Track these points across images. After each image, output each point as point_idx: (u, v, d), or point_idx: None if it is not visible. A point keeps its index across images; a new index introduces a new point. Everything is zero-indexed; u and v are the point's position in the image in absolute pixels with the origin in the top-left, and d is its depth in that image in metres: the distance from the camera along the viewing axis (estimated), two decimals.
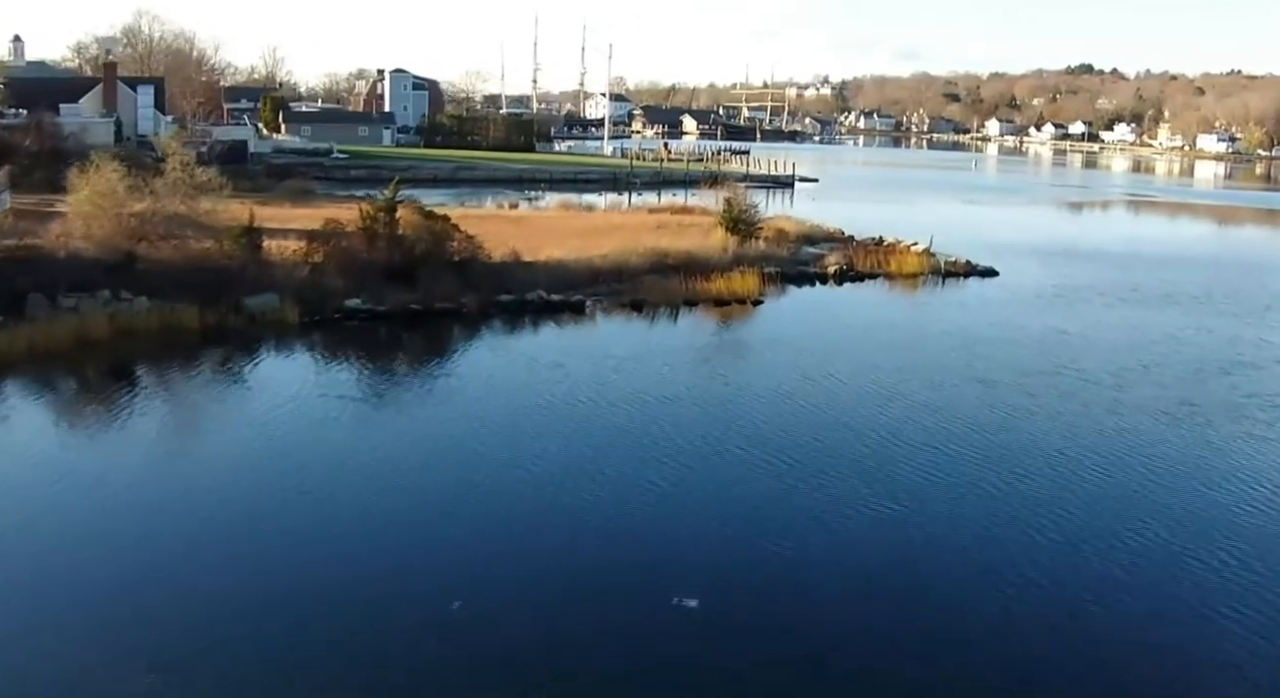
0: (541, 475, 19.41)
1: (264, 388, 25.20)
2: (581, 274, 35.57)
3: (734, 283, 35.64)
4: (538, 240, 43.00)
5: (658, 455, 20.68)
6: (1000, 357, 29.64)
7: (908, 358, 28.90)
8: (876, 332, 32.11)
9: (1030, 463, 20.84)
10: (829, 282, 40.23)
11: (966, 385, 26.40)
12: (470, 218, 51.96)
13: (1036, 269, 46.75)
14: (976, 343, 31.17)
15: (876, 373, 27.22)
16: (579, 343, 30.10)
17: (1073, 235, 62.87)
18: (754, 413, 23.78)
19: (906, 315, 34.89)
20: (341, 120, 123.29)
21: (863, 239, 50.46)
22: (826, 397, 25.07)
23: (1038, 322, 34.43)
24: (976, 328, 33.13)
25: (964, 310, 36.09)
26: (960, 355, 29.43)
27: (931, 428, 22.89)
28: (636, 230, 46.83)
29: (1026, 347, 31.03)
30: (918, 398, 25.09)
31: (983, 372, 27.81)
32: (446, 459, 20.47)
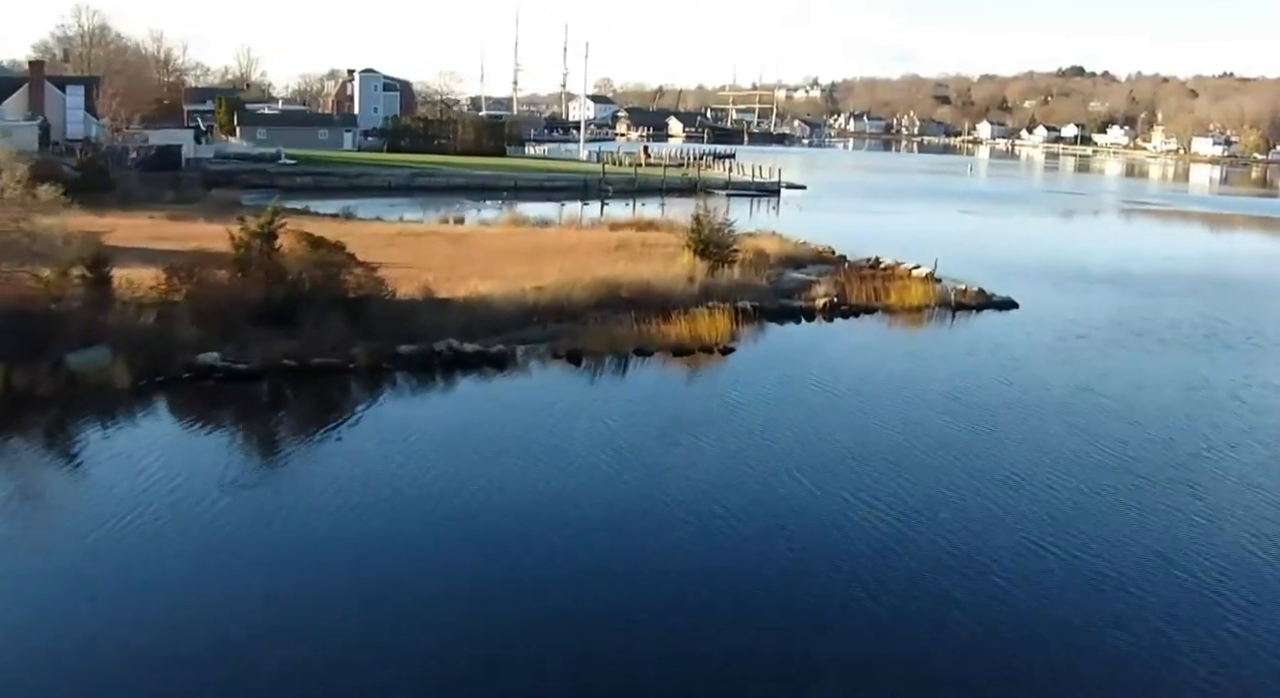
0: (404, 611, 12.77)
1: (38, 497, 18.35)
2: (511, 314, 28.73)
3: (699, 324, 28.82)
4: (471, 266, 36.18)
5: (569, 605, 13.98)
6: (1033, 439, 22.86)
7: (907, 440, 22.09)
8: (869, 395, 25.19)
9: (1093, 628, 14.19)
10: (817, 317, 33.41)
11: (990, 489, 19.62)
12: (404, 236, 45.22)
13: (1057, 298, 40.09)
14: (998, 413, 24.42)
15: (868, 466, 20.43)
16: (490, 412, 23.24)
17: (1087, 252, 56.29)
18: (702, 521, 17.14)
19: (908, 368, 27.86)
20: (300, 123, 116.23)
21: (856, 260, 43.79)
22: (802, 506, 18.34)
23: (1073, 379, 27.55)
24: (996, 388, 26.27)
25: (979, 361, 29.17)
26: (977, 436, 22.64)
27: (940, 557, 16.21)
28: (590, 253, 40.02)
29: (1068, 423, 24.16)
30: (917, 503, 18.41)
31: (1009, 465, 20.99)
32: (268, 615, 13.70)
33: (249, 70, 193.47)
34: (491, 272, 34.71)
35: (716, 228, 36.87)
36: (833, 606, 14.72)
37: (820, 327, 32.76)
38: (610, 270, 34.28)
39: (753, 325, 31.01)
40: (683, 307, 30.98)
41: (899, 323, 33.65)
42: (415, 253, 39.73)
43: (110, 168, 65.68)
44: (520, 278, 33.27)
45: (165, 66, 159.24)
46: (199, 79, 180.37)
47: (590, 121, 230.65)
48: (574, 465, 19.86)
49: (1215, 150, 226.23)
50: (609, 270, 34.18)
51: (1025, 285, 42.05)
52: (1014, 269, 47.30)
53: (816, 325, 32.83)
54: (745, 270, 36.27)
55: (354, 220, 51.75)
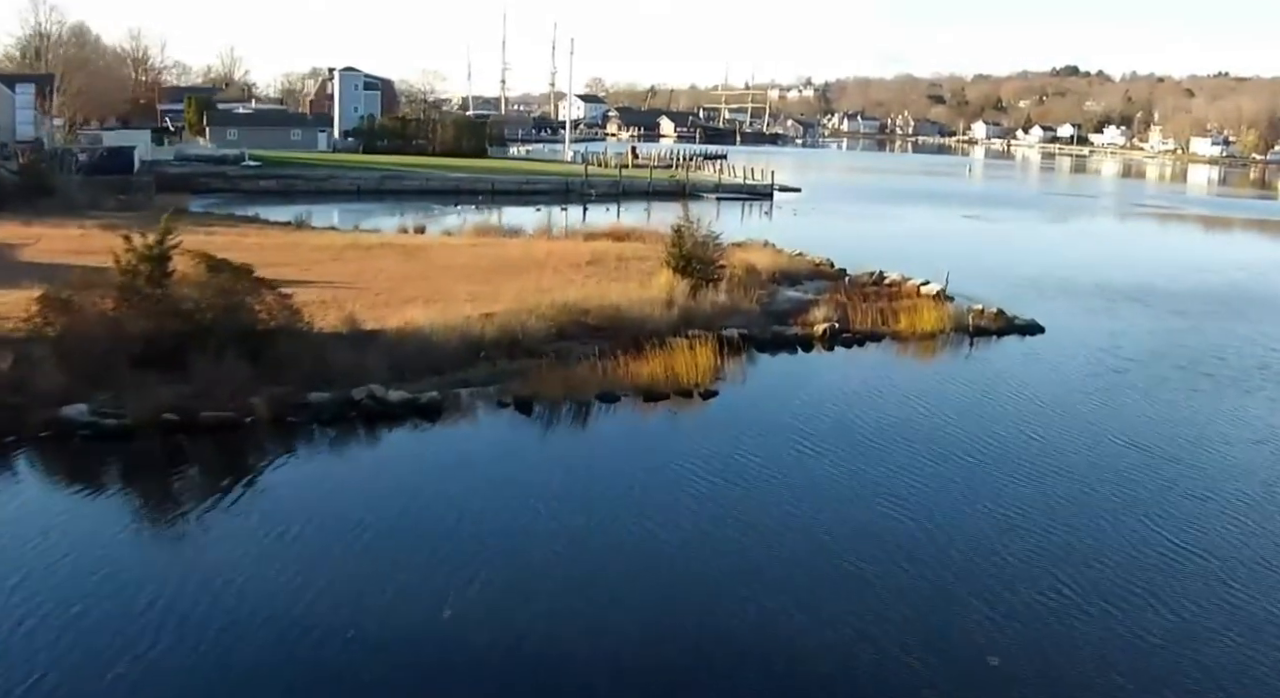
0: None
1: None
2: (452, 349, 24.11)
3: (677, 360, 24.23)
4: (418, 286, 31.63)
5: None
6: (1082, 516, 18.40)
7: (925, 518, 17.62)
8: (877, 456, 20.41)
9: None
10: (815, 347, 28.80)
11: (1041, 598, 15.17)
12: (354, 248, 40.61)
13: (1084, 321, 35.57)
14: (1037, 483, 19.89)
15: (877, 559, 15.95)
16: (410, 483, 18.56)
17: (1105, 263, 51.87)
18: (662, 630, 12.70)
19: (921, 416, 23.00)
20: (273, 123, 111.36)
21: (858, 274, 39.28)
22: (796, 610, 13.87)
23: (1117, 429, 22.71)
24: (1030, 447, 21.49)
25: (1006, 407, 24.28)
26: (1009, 520, 18.12)
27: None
28: (559, 269, 35.48)
29: (1120, 492, 19.67)
30: (944, 608, 13.97)
31: (1058, 558, 16.54)
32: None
33: (232, 69, 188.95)
34: (440, 293, 30.17)
35: (700, 241, 32.32)
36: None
37: (819, 359, 28.15)
38: (578, 292, 29.74)
39: (740, 359, 26.32)
40: (659, 337, 26.41)
41: (910, 353, 29.08)
42: (360, 269, 35.21)
43: (54, 172, 61.09)
44: (472, 301, 28.71)
45: (141, 65, 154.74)
46: (180, 78, 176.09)
47: (580, 121, 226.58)
48: (511, 556, 15.35)
49: (1214, 151, 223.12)
50: (576, 292, 29.64)
51: (1045, 304, 37.64)
52: (1030, 283, 42.93)
53: (815, 357, 28.22)
54: (733, 290, 31.73)
55: (305, 229, 47.18)
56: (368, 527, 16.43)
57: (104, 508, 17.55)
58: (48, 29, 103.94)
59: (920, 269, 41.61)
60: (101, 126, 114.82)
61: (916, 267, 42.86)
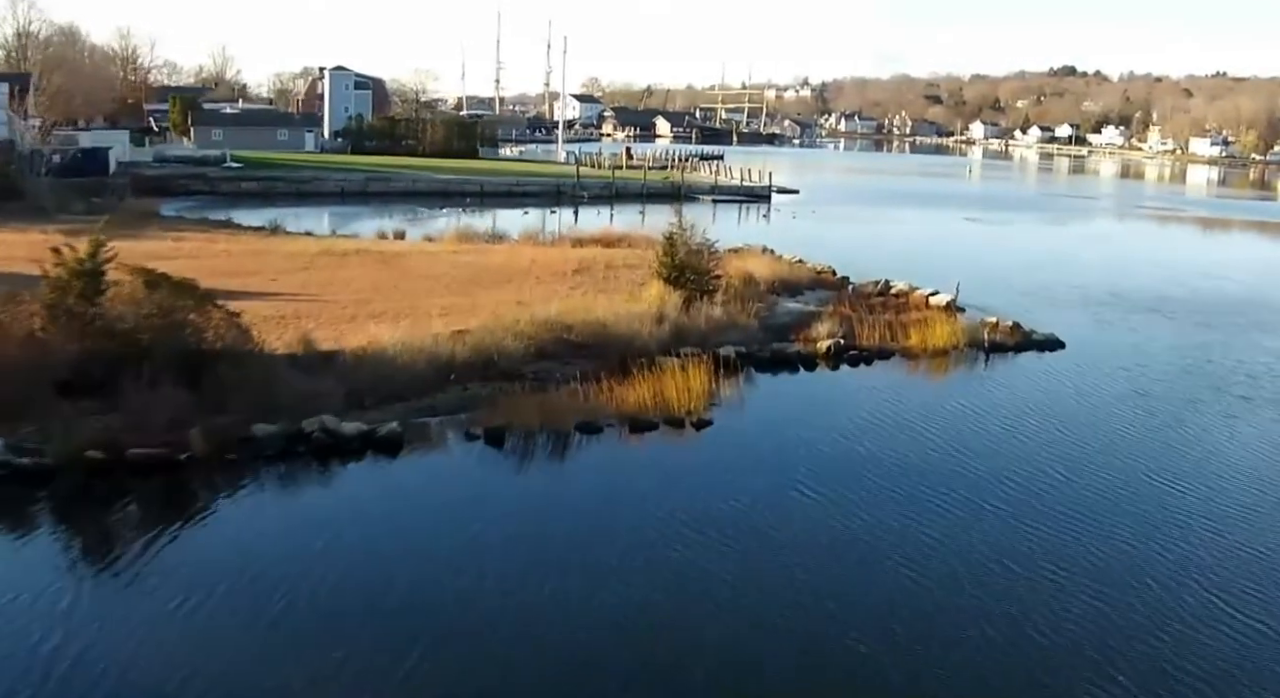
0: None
1: None
2: (418, 372, 21.79)
3: (667, 384, 21.94)
4: (389, 299, 29.34)
5: None
6: (1124, 569, 16.20)
7: (947, 572, 15.40)
8: (890, 497, 18.06)
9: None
10: (819, 365, 26.52)
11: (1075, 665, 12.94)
12: (327, 256, 38.26)
13: (1104, 335, 33.27)
14: (1070, 533, 17.61)
15: (890, 629, 13.72)
16: (359, 531, 16.28)
17: (1119, 269, 49.67)
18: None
19: (938, 448, 20.40)
20: (259, 123, 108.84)
21: (862, 283, 37.02)
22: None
23: (1151, 462, 20.43)
24: (1059, 486, 19.14)
25: (1030, 436, 21.64)
26: (1040, 578, 15.92)
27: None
28: (543, 278, 33.22)
29: (1163, 540, 17.53)
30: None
31: (1096, 615, 14.36)
32: None
33: (224, 69, 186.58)
34: (412, 307, 27.86)
35: (694, 249, 30.02)
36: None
37: (824, 380, 25.82)
38: (561, 305, 27.43)
39: (737, 382, 23.96)
40: (648, 357, 24.14)
41: (922, 372, 26.77)
42: (330, 279, 32.92)
43: (23, 174, 58.71)
44: (445, 316, 26.41)
45: (129, 65, 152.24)
46: (171, 77, 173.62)
47: (575, 121, 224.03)
48: (470, 631, 13.08)
49: (1213, 151, 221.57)
50: (559, 305, 27.32)
51: (1059, 314, 35.41)
52: (1040, 291, 40.72)
53: (819, 378, 25.88)
54: (730, 302, 29.41)
55: (278, 235, 44.83)
56: (308, 588, 14.14)
57: (4, 566, 15.23)
58: (27, 28, 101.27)
59: (926, 276, 39.42)
60: (88, 126, 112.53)
61: (922, 273, 40.69)
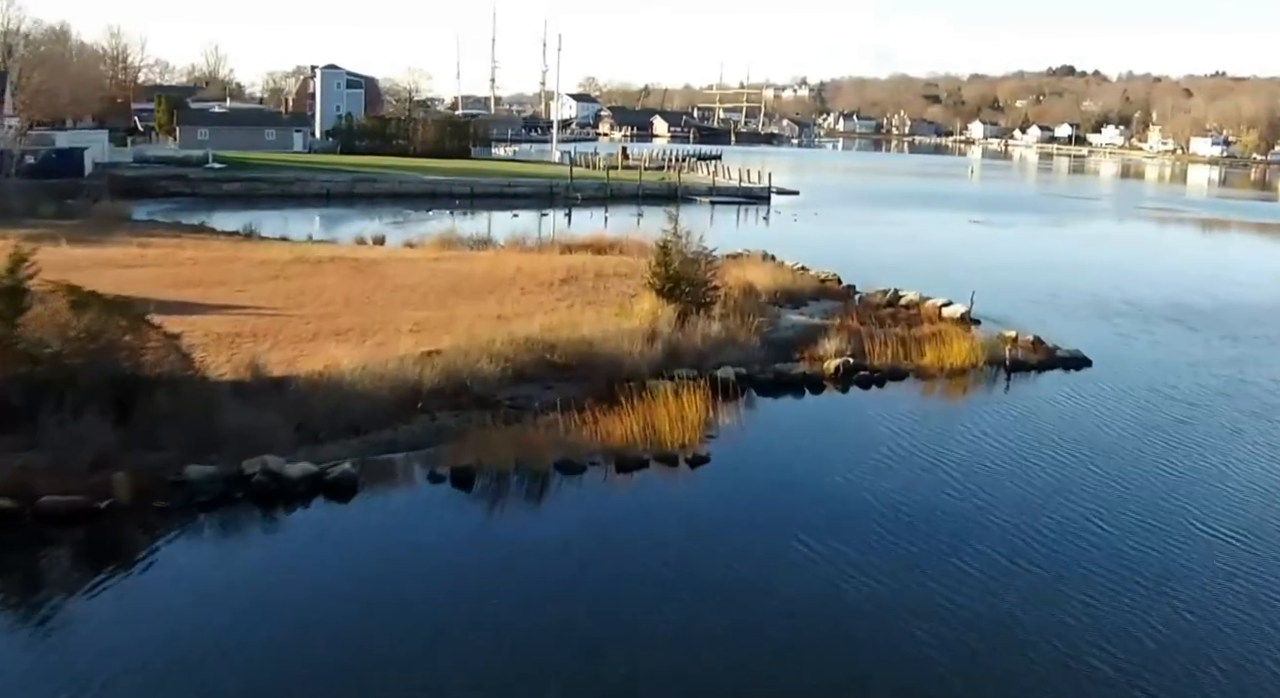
0: None
1: None
2: (381, 400, 19.44)
3: (659, 412, 19.59)
4: (359, 312, 27.02)
5: None
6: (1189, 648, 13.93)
7: (979, 650, 13.13)
8: (909, 557, 15.76)
9: None
10: (827, 387, 24.21)
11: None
12: (300, 264, 35.84)
13: (1130, 350, 30.88)
14: (1109, 584, 15.40)
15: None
16: (301, 595, 13.94)
17: (1137, 276, 47.39)
18: None
19: (965, 493, 17.92)
20: (247, 123, 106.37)
21: (869, 292, 34.72)
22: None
23: (1200, 504, 18.19)
24: (1097, 532, 17.00)
25: (1064, 471, 19.48)
26: (1087, 643, 13.64)
27: None
28: (527, 289, 30.91)
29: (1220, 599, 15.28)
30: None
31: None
32: None
33: (217, 68, 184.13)
34: (382, 322, 25.52)
35: (690, 258, 27.70)
36: None
37: (832, 404, 23.46)
38: (544, 320, 25.10)
39: (737, 408, 21.59)
40: (638, 380, 21.85)
41: (939, 395, 24.44)
42: (300, 289, 30.59)
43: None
44: (417, 333, 24.09)
45: (119, 64, 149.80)
46: (164, 76, 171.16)
47: (572, 121, 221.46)
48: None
49: (1214, 151, 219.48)
50: (542, 320, 25.00)
51: (1078, 326, 33.15)
52: (1055, 301, 38.43)
53: (827, 402, 23.52)
54: (728, 315, 27.07)
55: (252, 240, 42.46)
56: (243, 661, 11.87)
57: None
58: (15, 27, 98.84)
59: (936, 284, 37.29)
60: (74, 126, 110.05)
61: (930, 281, 38.55)
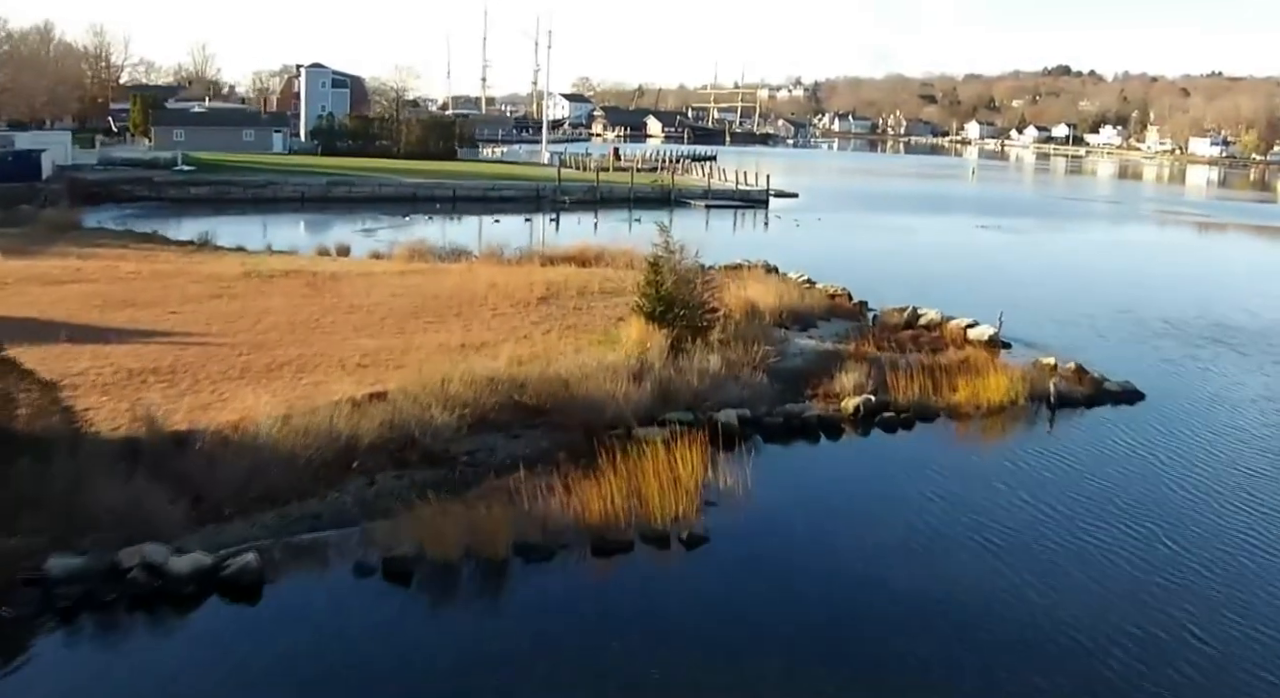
0: None
1: None
2: (306, 461, 15.82)
3: (647, 473, 15.95)
4: (302, 341, 23.38)
5: None
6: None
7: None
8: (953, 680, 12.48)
9: None
10: (845, 430, 20.66)
11: None
12: (252, 278, 32.09)
13: (1180, 379, 27.20)
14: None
15: None
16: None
17: (1164, 289, 44.02)
18: None
19: (1013, 579, 14.46)
20: (225, 122, 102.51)
21: (885, 311, 31.12)
22: None
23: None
24: (1185, 627, 13.70)
25: (1132, 553, 15.91)
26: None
27: None
28: (499, 309, 27.26)
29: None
30: None
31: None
32: None
33: (204, 67, 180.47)
34: (325, 354, 21.91)
35: (684, 277, 24.13)
36: None
37: (852, 454, 19.86)
38: (514, 351, 21.52)
39: (741, 464, 17.74)
40: (623, 427, 18.29)
41: (975, 440, 20.86)
42: (242, 310, 26.93)
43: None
44: (364, 368, 20.53)
45: (100, 63, 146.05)
46: (149, 75, 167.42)
47: (564, 121, 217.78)
48: None
49: (1213, 151, 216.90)
50: (512, 351, 21.42)
51: (1116, 351, 29.67)
52: (1085, 319, 34.84)
53: (845, 451, 19.94)
54: (729, 341, 23.49)
55: (205, 251, 38.71)
56: None
57: None
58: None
59: (954, 299, 33.91)
60: (52, 126, 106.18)
61: (949, 296, 35.16)
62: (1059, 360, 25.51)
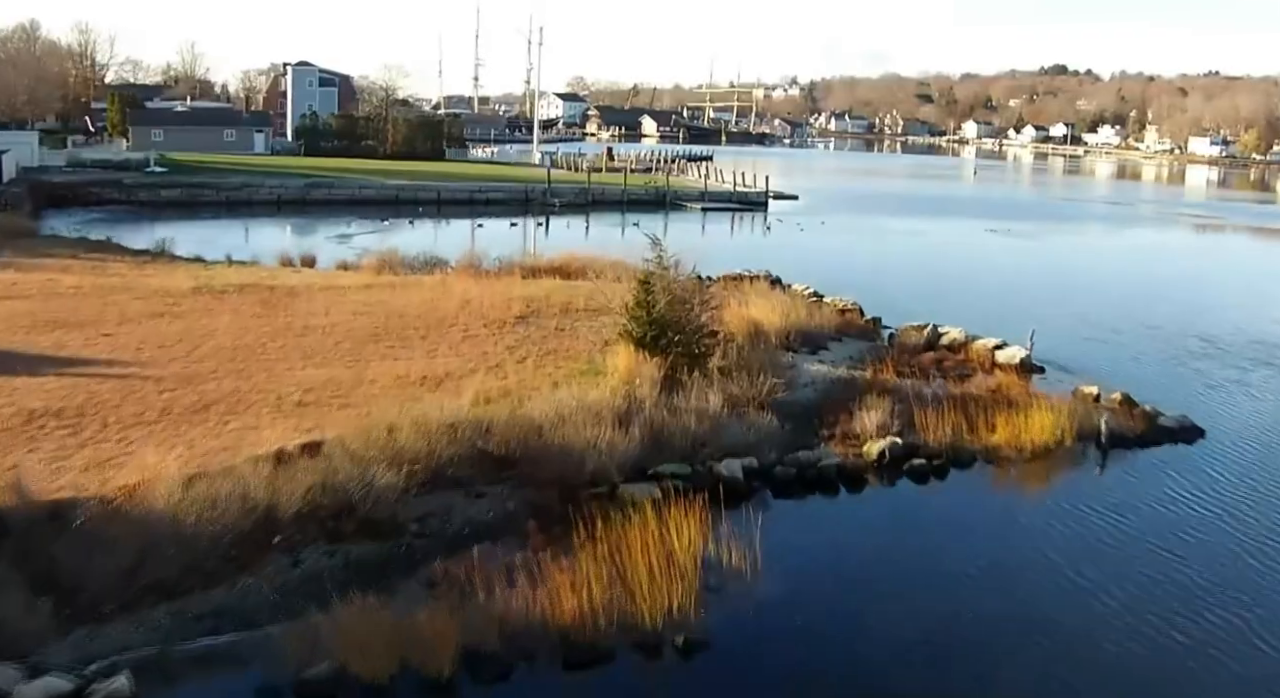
0: None
1: None
2: (215, 534, 12.82)
3: (634, 551, 12.99)
4: (239, 372, 20.33)
5: None
6: None
7: None
8: None
9: None
10: (868, 481, 17.71)
11: None
12: (201, 294, 28.96)
13: (1235, 408, 24.02)
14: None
15: None
16: None
17: (1192, 301, 41.09)
18: None
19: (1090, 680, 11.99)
20: (205, 122, 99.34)
21: (902, 330, 28.07)
22: None
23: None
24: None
25: (1235, 656, 13.40)
26: None
27: None
28: (471, 331, 24.21)
29: None
30: None
31: None
32: None
33: (193, 66, 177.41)
34: (263, 388, 18.89)
35: (679, 296, 21.14)
36: None
37: (878, 510, 16.79)
38: (483, 384, 18.54)
39: (747, 527, 14.82)
40: (606, 484, 15.33)
41: (1019, 490, 17.88)
42: (181, 333, 23.86)
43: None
44: (303, 408, 17.54)
45: (84, 61, 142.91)
46: (136, 75, 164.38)
47: (557, 120, 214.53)
48: None
49: (1213, 151, 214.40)
50: (480, 384, 18.43)
51: (1162, 376, 26.78)
52: (1120, 338, 31.84)
53: (870, 506, 16.92)
54: (730, 370, 20.52)
55: (159, 261, 35.57)
56: None
57: None
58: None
59: (974, 314, 31.16)
60: (32, 126, 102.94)
61: (968, 310, 32.40)
62: (1102, 390, 22.58)
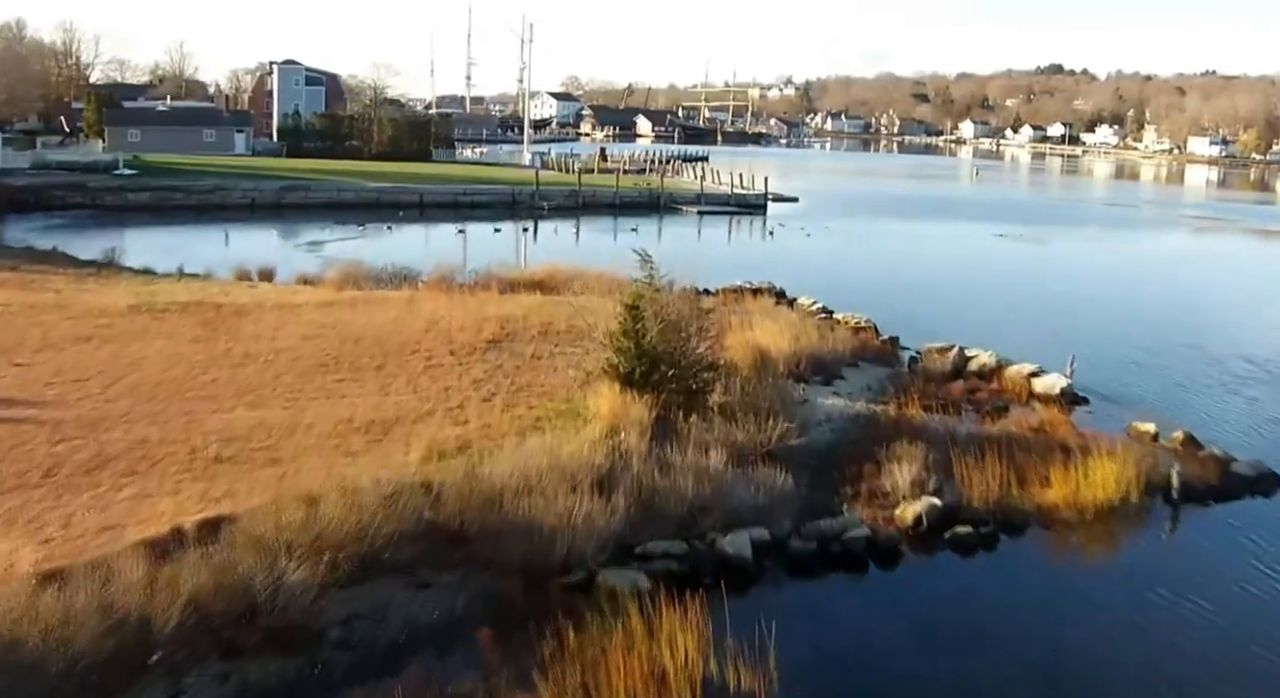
0: None
1: None
2: (70, 661, 9.84)
3: (611, 674, 10.08)
4: (150, 418, 17.25)
5: None
6: None
7: None
8: None
9: None
10: (903, 555, 14.51)
11: None
12: (136, 314, 25.74)
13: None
14: None
15: None
16: None
17: (1224, 316, 38.21)
18: None
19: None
20: (184, 122, 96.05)
21: (925, 352, 24.98)
22: None
23: None
24: None
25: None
26: None
27: None
28: (435, 358, 21.13)
29: None
30: None
31: None
32: None
33: (181, 66, 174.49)
34: (176, 438, 15.79)
35: (671, 322, 18.09)
36: None
37: (918, 595, 13.58)
38: (437, 434, 15.50)
39: (759, 627, 11.60)
40: (582, 572, 12.30)
41: (1080, 562, 14.87)
42: (105, 363, 20.76)
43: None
44: (222, 463, 14.50)
45: (68, 60, 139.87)
46: (123, 74, 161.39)
47: (551, 120, 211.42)
48: None
49: (1212, 151, 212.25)
50: (434, 434, 15.40)
51: (1214, 406, 23.84)
52: (1160, 359, 28.78)
53: (907, 589, 13.75)
54: (733, 410, 17.49)
55: (105, 274, 32.40)
56: None
57: None
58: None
59: (996, 331, 28.30)
60: (12, 126, 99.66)
61: (993, 328, 29.46)
62: (1159, 427, 19.59)
